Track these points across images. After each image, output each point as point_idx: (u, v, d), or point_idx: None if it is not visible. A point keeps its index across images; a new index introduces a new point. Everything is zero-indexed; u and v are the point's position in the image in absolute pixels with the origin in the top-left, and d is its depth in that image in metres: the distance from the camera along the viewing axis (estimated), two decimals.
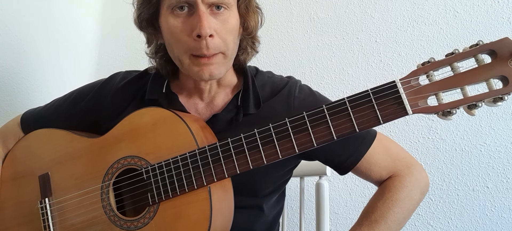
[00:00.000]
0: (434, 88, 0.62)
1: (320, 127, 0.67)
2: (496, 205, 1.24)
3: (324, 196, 1.11)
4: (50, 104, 0.98)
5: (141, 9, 0.83)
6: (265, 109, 0.85)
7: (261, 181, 0.85)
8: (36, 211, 0.86)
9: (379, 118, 0.64)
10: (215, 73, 0.78)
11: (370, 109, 0.64)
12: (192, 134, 0.75)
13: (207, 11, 0.75)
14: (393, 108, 0.63)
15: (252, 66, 0.96)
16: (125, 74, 0.95)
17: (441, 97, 0.62)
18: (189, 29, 0.75)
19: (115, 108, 0.89)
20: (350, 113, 0.65)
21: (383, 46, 1.32)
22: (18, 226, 0.88)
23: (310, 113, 0.68)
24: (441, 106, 0.61)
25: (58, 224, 0.84)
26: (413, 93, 0.62)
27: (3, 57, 1.23)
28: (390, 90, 0.63)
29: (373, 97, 0.64)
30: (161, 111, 0.79)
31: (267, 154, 0.69)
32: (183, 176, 0.73)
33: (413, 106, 0.62)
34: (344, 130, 0.66)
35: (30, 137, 0.93)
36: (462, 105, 0.60)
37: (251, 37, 0.87)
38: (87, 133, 0.89)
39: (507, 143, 1.22)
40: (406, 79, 0.63)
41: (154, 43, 0.89)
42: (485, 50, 0.59)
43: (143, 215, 0.76)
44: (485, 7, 1.22)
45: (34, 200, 0.86)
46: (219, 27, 0.76)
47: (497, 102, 0.59)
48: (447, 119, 0.62)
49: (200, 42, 0.74)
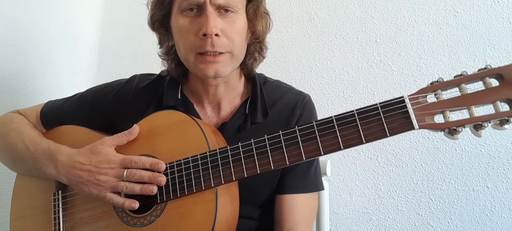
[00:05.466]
0: (441, 106, 0.64)
1: (328, 137, 0.69)
2: (496, 205, 1.24)
3: (324, 196, 1.11)
4: (71, 99, 0.98)
5: (154, 10, 0.85)
6: (272, 118, 0.87)
7: (259, 190, 0.87)
8: (49, 203, 0.87)
9: (386, 131, 0.65)
10: (221, 71, 0.79)
11: (377, 122, 0.66)
12: (205, 137, 0.77)
13: (215, 12, 0.77)
14: (400, 122, 0.65)
15: (261, 74, 0.98)
16: (141, 78, 0.97)
17: (447, 115, 0.63)
18: (196, 29, 0.77)
19: (133, 111, 0.90)
20: (358, 125, 0.67)
21: (383, 46, 1.32)
22: (33, 216, 0.90)
23: (319, 123, 0.69)
24: (447, 123, 0.63)
25: (68, 217, 0.86)
26: (421, 109, 0.64)
27: (3, 57, 1.23)
28: (398, 105, 0.65)
29: (381, 110, 0.66)
30: (177, 115, 0.82)
31: (275, 160, 0.71)
32: (192, 177, 0.75)
33: (419, 122, 0.64)
34: (351, 141, 0.67)
35: (53, 133, 0.95)
36: (468, 124, 0.62)
37: (258, 42, 0.89)
38: (105, 133, 0.90)
39: (507, 143, 1.22)
40: (415, 95, 0.65)
41: (165, 45, 0.90)
42: (492, 74, 0.61)
43: (150, 212, 0.78)
44: (485, 7, 1.22)
45: (48, 192, 0.88)
46: (226, 28, 0.78)
47: (504, 125, 0.60)
48: (453, 138, 0.64)
49: (205, 41, 0.76)
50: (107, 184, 0.77)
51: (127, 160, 0.77)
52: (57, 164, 0.82)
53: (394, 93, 1.30)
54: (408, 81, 1.29)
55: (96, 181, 0.77)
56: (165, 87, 0.92)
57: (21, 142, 0.89)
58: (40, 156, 0.85)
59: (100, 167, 0.77)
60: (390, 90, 1.32)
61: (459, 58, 1.25)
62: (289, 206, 0.86)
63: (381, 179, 1.33)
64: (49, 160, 0.83)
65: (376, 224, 1.34)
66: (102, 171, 0.77)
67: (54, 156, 0.83)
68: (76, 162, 0.79)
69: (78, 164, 0.79)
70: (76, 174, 0.79)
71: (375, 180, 1.34)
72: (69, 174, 0.80)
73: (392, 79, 1.31)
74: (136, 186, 0.75)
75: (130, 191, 0.76)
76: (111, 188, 0.77)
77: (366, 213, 1.35)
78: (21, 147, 0.88)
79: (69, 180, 0.81)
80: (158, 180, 0.75)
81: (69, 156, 0.81)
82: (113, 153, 0.79)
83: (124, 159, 0.77)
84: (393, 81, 1.31)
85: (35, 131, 0.93)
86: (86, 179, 0.78)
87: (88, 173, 0.78)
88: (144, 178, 0.75)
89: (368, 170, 1.34)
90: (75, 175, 0.79)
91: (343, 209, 1.37)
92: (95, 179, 0.77)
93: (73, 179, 0.80)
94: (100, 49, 1.66)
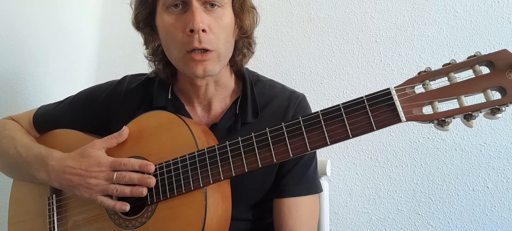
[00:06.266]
0: (429, 97, 0.62)
1: (314, 132, 0.67)
2: (496, 205, 1.24)
3: (324, 196, 1.11)
4: (63, 103, 0.98)
5: (138, 9, 0.84)
6: (263, 118, 0.86)
7: (252, 191, 0.86)
8: (44, 207, 0.88)
9: (373, 124, 0.64)
10: (209, 70, 0.78)
11: (363, 116, 0.64)
12: (194, 137, 0.76)
13: (201, 7, 0.76)
14: (387, 115, 0.63)
15: (254, 72, 0.96)
16: (132, 79, 0.96)
17: (436, 106, 0.61)
18: (183, 25, 0.76)
19: (124, 112, 0.90)
20: (344, 119, 0.66)
21: (383, 46, 1.32)
22: (30, 220, 0.90)
23: (305, 119, 0.68)
24: (435, 115, 0.61)
25: (62, 220, 0.86)
26: (408, 101, 0.62)
27: (3, 57, 1.23)
28: (384, 97, 0.63)
29: (367, 103, 0.64)
30: (166, 115, 0.81)
31: (262, 157, 0.70)
32: (181, 177, 0.74)
33: (407, 114, 0.62)
34: (338, 135, 0.66)
35: (46, 137, 0.95)
36: (458, 115, 0.60)
37: (246, 38, 0.87)
38: (97, 135, 0.90)
39: (507, 143, 1.22)
40: (401, 86, 0.63)
41: (151, 45, 0.89)
42: (482, 62, 0.59)
43: (141, 214, 0.77)
44: (485, 7, 1.22)
45: (43, 196, 0.88)
46: (212, 23, 0.77)
47: (496, 114, 0.58)
48: (444, 130, 0.61)
49: (193, 37, 0.75)
50: (97, 187, 0.76)
51: (116, 162, 0.77)
52: (48, 169, 0.82)
53: None
54: None
55: (86, 185, 0.77)
56: (155, 88, 0.91)
57: (13, 148, 0.89)
58: (32, 161, 0.85)
59: (90, 171, 0.77)
60: None
61: (459, 58, 1.24)
62: (288, 209, 0.85)
63: (381, 179, 1.33)
64: (40, 165, 0.83)
65: (376, 224, 1.34)
66: (92, 174, 0.77)
67: (45, 161, 0.83)
68: (66, 166, 0.79)
69: (68, 168, 0.79)
70: (67, 178, 0.79)
71: (375, 180, 1.34)
72: (60, 178, 0.80)
73: (392, 79, 1.31)
74: (126, 188, 0.75)
75: (121, 194, 0.75)
76: (102, 191, 0.77)
77: (366, 213, 1.35)
78: (14, 153, 0.88)
79: (60, 184, 0.81)
80: (147, 182, 0.75)
81: (60, 160, 0.81)
82: (103, 155, 0.79)
83: (113, 161, 0.77)
84: (393, 81, 1.31)
85: (28, 136, 0.93)
86: (76, 182, 0.78)
87: (79, 177, 0.78)
88: (133, 180, 0.75)
89: (368, 170, 1.34)
90: (66, 179, 0.79)
91: (343, 209, 1.37)
92: (86, 182, 0.77)
93: (64, 183, 0.80)
94: (100, 49, 1.65)
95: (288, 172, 0.86)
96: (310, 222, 0.87)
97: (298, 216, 0.85)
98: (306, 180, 0.87)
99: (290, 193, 0.85)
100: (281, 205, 0.86)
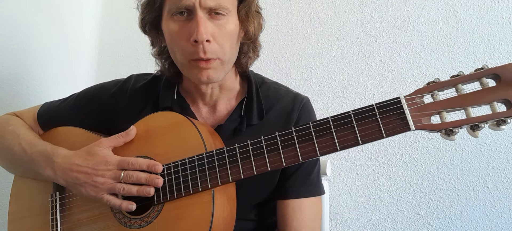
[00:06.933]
0: (437, 107, 0.63)
1: (324, 138, 0.68)
2: (496, 205, 1.24)
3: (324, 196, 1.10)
4: (68, 100, 0.98)
5: (145, 13, 0.84)
6: (268, 120, 0.87)
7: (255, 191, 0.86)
8: (46, 204, 0.87)
9: (382, 132, 0.65)
10: (213, 77, 0.79)
11: (374, 123, 0.66)
12: (202, 138, 0.76)
13: (205, 16, 0.76)
14: (396, 123, 0.64)
15: (258, 74, 0.97)
16: (138, 78, 0.96)
17: (444, 116, 0.63)
18: (187, 35, 0.77)
19: (130, 111, 0.90)
20: (355, 126, 0.66)
21: (383, 46, 1.32)
22: (31, 217, 0.90)
23: (315, 124, 0.69)
24: (443, 124, 0.63)
25: (65, 218, 0.86)
26: (417, 110, 0.64)
27: (3, 57, 1.23)
28: (394, 106, 0.65)
29: (377, 111, 0.66)
30: (174, 116, 0.81)
31: (272, 161, 0.71)
32: (189, 178, 0.75)
33: (416, 123, 0.63)
34: (347, 142, 0.67)
35: (50, 134, 0.95)
36: (465, 125, 0.62)
37: (252, 42, 0.88)
38: (102, 133, 0.90)
39: (507, 143, 1.22)
40: (411, 96, 0.65)
41: (158, 46, 0.90)
42: (489, 74, 0.61)
43: (147, 214, 0.77)
44: (485, 7, 1.22)
45: (46, 193, 0.88)
46: (216, 32, 0.77)
47: (501, 126, 0.60)
48: (450, 139, 0.63)
49: (197, 47, 0.76)
50: (104, 186, 0.76)
51: (124, 161, 0.77)
52: (54, 166, 0.82)
53: (394, 93, 1.30)
54: (408, 81, 1.29)
55: (93, 183, 0.77)
56: (161, 87, 0.91)
57: (17, 144, 0.88)
58: (37, 158, 0.85)
59: (97, 169, 0.77)
60: (390, 90, 1.32)
61: (459, 58, 1.25)
62: (292, 211, 0.85)
63: (381, 179, 1.33)
64: (46, 162, 0.83)
65: (376, 224, 1.34)
66: (99, 172, 0.77)
67: (51, 158, 0.82)
68: (73, 164, 0.79)
69: (75, 166, 0.79)
70: (73, 176, 0.79)
71: (375, 180, 1.34)
72: (66, 176, 0.80)
73: (392, 79, 1.31)
74: (133, 187, 0.75)
75: (127, 193, 0.75)
76: (108, 189, 0.76)
77: (366, 213, 1.35)
78: (18, 149, 0.88)
79: (66, 182, 0.81)
80: (155, 182, 0.75)
81: (66, 158, 0.81)
82: (110, 154, 0.79)
83: (121, 160, 0.77)
84: (393, 81, 1.31)
85: (32, 133, 0.93)
86: (83, 180, 0.77)
87: (85, 175, 0.77)
88: (141, 179, 0.75)
89: (368, 170, 1.34)
90: (72, 177, 0.79)
91: (343, 209, 1.37)
92: (92, 180, 0.77)
93: (71, 181, 0.79)
94: (100, 49, 1.66)
95: (293, 174, 0.86)
96: (313, 224, 0.87)
97: (302, 218, 0.85)
98: (310, 182, 0.87)
99: (295, 195, 0.86)
100: (285, 206, 0.86)
